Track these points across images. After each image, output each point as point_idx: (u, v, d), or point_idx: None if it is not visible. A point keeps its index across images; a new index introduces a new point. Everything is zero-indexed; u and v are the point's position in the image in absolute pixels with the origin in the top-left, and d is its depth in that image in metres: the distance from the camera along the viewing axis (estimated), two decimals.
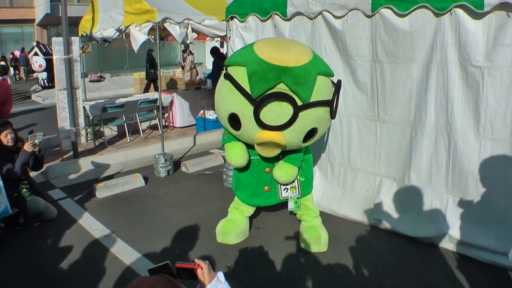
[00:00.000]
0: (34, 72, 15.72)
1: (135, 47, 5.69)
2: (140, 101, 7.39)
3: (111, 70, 19.36)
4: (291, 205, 3.49)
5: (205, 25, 5.82)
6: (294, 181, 3.44)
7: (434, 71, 3.39)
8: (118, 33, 6.20)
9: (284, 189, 3.46)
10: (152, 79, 12.35)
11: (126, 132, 7.23)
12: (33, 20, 23.00)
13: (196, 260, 1.46)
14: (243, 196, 3.63)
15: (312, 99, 2.88)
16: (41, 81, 15.13)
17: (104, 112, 6.93)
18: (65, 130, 6.03)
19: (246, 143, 3.29)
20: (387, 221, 3.85)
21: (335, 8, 3.79)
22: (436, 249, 3.52)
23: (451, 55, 3.25)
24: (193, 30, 5.96)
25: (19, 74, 18.86)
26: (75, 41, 5.97)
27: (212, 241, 3.71)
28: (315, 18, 4.01)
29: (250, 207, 3.75)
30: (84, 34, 7.03)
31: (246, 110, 2.91)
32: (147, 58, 12.39)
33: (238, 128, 3.09)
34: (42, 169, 4.72)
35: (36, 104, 12.70)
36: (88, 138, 6.98)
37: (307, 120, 2.96)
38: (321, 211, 4.20)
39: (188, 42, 6.24)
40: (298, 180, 3.46)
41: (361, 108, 3.98)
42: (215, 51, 9.21)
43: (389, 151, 3.88)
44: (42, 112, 11.15)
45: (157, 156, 5.66)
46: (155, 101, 7.56)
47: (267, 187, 3.48)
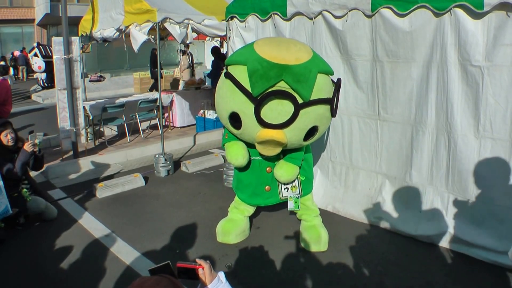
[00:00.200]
0: (34, 72, 15.71)
1: (135, 47, 5.69)
2: (140, 101, 7.40)
3: (111, 70, 19.36)
4: (291, 205, 3.49)
5: (205, 25, 5.82)
6: (295, 181, 3.44)
7: (434, 71, 3.40)
8: (118, 33, 6.20)
9: (285, 189, 3.46)
10: (157, 78, 12.34)
11: (126, 132, 7.23)
12: (33, 20, 22.99)
13: (198, 260, 1.46)
14: (244, 196, 3.62)
15: (313, 97, 2.88)
16: (41, 81, 15.14)
17: (104, 112, 6.94)
18: (65, 130, 6.04)
19: (247, 143, 3.29)
20: (389, 220, 3.86)
21: (335, 8, 3.79)
22: (436, 248, 3.52)
23: (451, 55, 3.25)
24: (193, 30, 5.96)
25: (18, 74, 18.85)
26: (75, 41, 5.97)
27: (212, 241, 3.72)
28: (315, 18, 4.02)
29: (250, 207, 3.75)
30: (84, 34, 7.03)
31: (247, 109, 2.91)
32: (151, 57, 12.36)
33: (239, 127, 3.09)
34: (42, 169, 4.72)
35: (36, 104, 12.70)
36: (88, 138, 6.99)
37: (308, 118, 2.96)
38: (324, 210, 4.24)
39: (188, 42, 6.24)
40: (299, 179, 3.46)
41: (362, 107, 3.98)
42: (216, 51, 9.21)
43: (390, 150, 3.88)
44: (42, 112, 11.15)
45: (157, 156, 5.66)
46: (155, 101, 7.56)
47: (268, 187, 3.47)
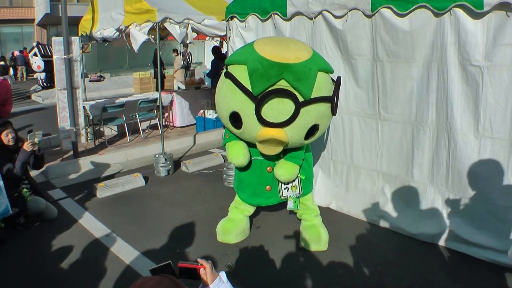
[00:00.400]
0: (35, 72, 15.70)
1: (135, 47, 5.69)
2: (140, 101, 7.40)
3: (111, 70, 19.36)
4: (291, 205, 3.48)
5: (205, 25, 5.83)
6: (295, 180, 3.44)
7: (434, 71, 3.40)
8: (118, 33, 6.20)
9: (285, 188, 3.46)
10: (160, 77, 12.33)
11: (126, 132, 7.24)
12: (33, 20, 22.98)
13: (199, 260, 1.46)
14: (245, 196, 3.62)
15: (313, 95, 2.88)
16: (40, 81, 15.13)
17: (104, 112, 6.94)
18: (65, 130, 6.04)
19: (248, 143, 3.29)
20: (390, 218, 3.88)
21: (335, 8, 3.79)
22: (436, 248, 3.53)
23: (451, 55, 3.25)
24: (193, 30, 5.97)
25: (17, 74, 18.85)
26: (75, 41, 5.97)
27: (213, 241, 3.72)
28: (315, 18, 4.02)
29: (251, 207, 3.75)
30: (84, 34, 7.04)
31: (247, 108, 2.91)
32: (154, 57, 12.33)
33: (240, 127, 3.09)
34: (43, 169, 4.71)
35: (36, 104, 12.70)
36: (88, 138, 6.99)
37: (309, 117, 2.96)
38: (327, 208, 4.28)
39: (188, 42, 6.24)
40: (299, 179, 3.46)
41: (362, 107, 3.99)
42: (216, 50, 9.21)
43: (391, 149, 3.89)
44: (42, 112, 11.15)
45: (157, 156, 5.66)
46: (155, 101, 7.57)
47: (269, 187, 3.47)
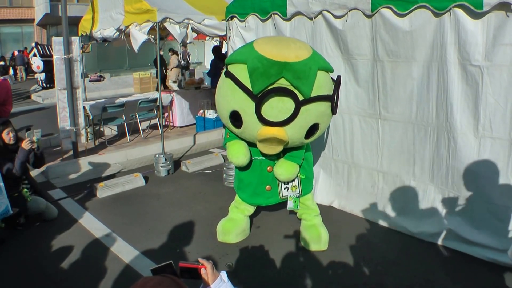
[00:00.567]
0: (35, 72, 15.70)
1: (135, 47, 5.69)
2: (140, 101, 7.41)
3: (111, 70, 19.36)
4: (290, 205, 3.48)
5: (205, 25, 5.83)
6: (295, 180, 3.43)
7: (434, 70, 3.40)
8: (118, 33, 6.20)
9: (285, 188, 3.46)
10: (162, 77, 12.33)
11: (126, 132, 7.24)
12: (33, 20, 22.99)
13: (200, 260, 1.46)
14: (245, 196, 3.62)
15: (313, 94, 2.88)
16: (40, 82, 15.11)
17: (104, 112, 6.94)
18: (65, 130, 6.04)
19: (248, 142, 3.29)
20: (390, 217, 3.90)
21: (335, 8, 3.80)
22: (436, 247, 3.53)
23: (451, 55, 3.26)
24: (193, 30, 5.97)
25: (17, 74, 18.85)
26: (75, 41, 5.98)
27: (213, 240, 3.72)
28: (315, 18, 4.02)
29: (251, 206, 3.75)
30: (84, 34, 7.04)
31: (248, 107, 2.91)
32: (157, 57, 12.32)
33: (240, 126, 3.09)
34: (43, 168, 4.71)
35: (36, 104, 12.70)
36: (88, 138, 6.99)
37: (309, 116, 2.96)
38: (329, 206, 4.32)
39: (188, 42, 6.24)
40: (299, 178, 3.46)
41: (363, 106, 4.00)
42: (217, 50, 9.20)
43: (391, 148, 3.90)
44: (42, 112, 11.15)
45: (157, 156, 5.67)
46: (155, 101, 7.57)
47: (269, 186, 3.47)
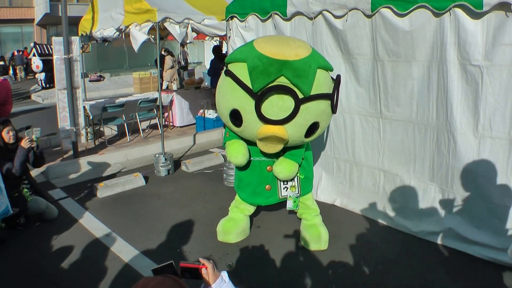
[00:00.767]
0: (35, 73, 15.69)
1: (135, 47, 5.69)
2: (140, 101, 7.41)
3: (111, 70, 19.34)
4: (290, 205, 3.48)
5: (205, 25, 5.83)
6: (294, 180, 3.44)
7: (435, 70, 3.41)
8: (118, 33, 6.20)
9: (284, 188, 3.46)
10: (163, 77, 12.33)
11: (126, 132, 7.24)
12: (33, 20, 22.99)
13: (201, 260, 1.47)
14: (245, 195, 3.63)
15: (313, 92, 2.88)
16: (40, 82, 15.10)
17: (104, 112, 6.95)
18: (65, 130, 6.04)
19: (248, 142, 3.29)
20: (391, 216, 3.93)
21: (335, 8, 3.80)
22: (436, 246, 3.54)
23: (451, 54, 3.26)
24: (193, 30, 5.97)
25: (16, 75, 18.84)
26: (75, 41, 5.97)
27: (213, 240, 3.73)
28: (316, 18, 4.03)
29: (251, 206, 3.75)
30: (84, 34, 7.04)
31: (247, 105, 2.92)
32: (161, 57, 12.30)
33: (240, 125, 3.09)
34: (43, 168, 4.70)
35: (36, 104, 12.70)
36: (88, 138, 6.99)
37: (309, 114, 2.97)
38: (329, 206, 4.35)
39: (188, 42, 6.25)
40: (298, 178, 3.46)
41: (364, 106, 4.01)
42: (217, 50, 9.20)
43: (392, 147, 3.91)
44: (42, 112, 11.15)
45: (157, 156, 5.67)
46: (155, 101, 7.57)
47: (269, 186, 3.47)
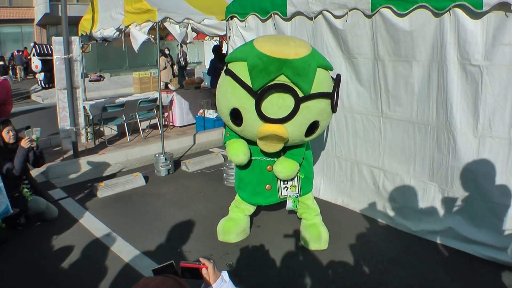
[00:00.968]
0: (35, 73, 15.68)
1: (135, 47, 5.69)
2: (140, 101, 7.41)
3: (111, 70, 19.35)
4: (290, 204, 3.49)
5: (205, 25, 5.83)
6: (294, 180, 3.44)
7: (435, 70, 3.41)
8: (118, 33, 6.20)
9: (284, 188, 3.46)
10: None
11: (126, 132, 7.25)
12: (32, 20, 22.97)
13: (201, 259, 1.47)
14: (245, 195, 3.63)
15: (313, 91, 2.89)
16: (39, 82, 15.10)
17: (104, 112, 6.95)
18: (65, 130, 6.04)
19: (248, 141, 3.29)
20: (391, 215, 3.94)
21: (335, 8, 3.80)
22: (436, 246, 3.54)
23: (451, 54, 3.26)
24: (193, 30, 5.97)
25: (16, 75, 18.84)
26: (75, 41, 5.97)
27: (213, 240, 3.73)
28: (316, 18, 4.03)
29: (251, 206, 3.75)
30: (84, 34, 7.03)
31: (248, 104, 2.92)
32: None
33: (240, 124, 3.09)
34: (43, 168, 4.70)
35: (36, 104, 12.70)
36: (88, 138, 6.99)
37: (309, 113, 2.97)
38: (330, 205, 4.37)
39: (188, 42, 6.25)
40: (298, 178, 3.46)
41: (365, 105, 4.02)
42: (217, 50, 9.19)
43: (393, 146, 3.92)
44: (42, 112, 11.14)
45: (157, 155, 5.67)
46: (155, 101, 7.57)
47: (269, 186, 3.47)
